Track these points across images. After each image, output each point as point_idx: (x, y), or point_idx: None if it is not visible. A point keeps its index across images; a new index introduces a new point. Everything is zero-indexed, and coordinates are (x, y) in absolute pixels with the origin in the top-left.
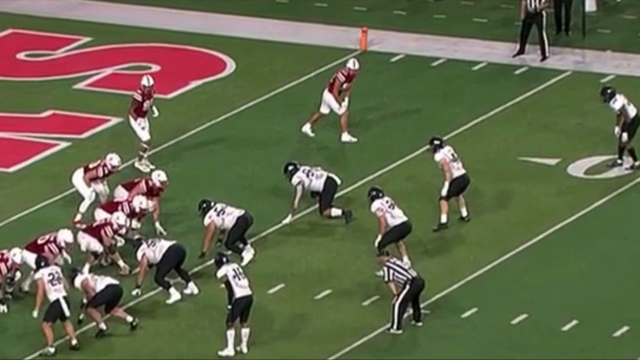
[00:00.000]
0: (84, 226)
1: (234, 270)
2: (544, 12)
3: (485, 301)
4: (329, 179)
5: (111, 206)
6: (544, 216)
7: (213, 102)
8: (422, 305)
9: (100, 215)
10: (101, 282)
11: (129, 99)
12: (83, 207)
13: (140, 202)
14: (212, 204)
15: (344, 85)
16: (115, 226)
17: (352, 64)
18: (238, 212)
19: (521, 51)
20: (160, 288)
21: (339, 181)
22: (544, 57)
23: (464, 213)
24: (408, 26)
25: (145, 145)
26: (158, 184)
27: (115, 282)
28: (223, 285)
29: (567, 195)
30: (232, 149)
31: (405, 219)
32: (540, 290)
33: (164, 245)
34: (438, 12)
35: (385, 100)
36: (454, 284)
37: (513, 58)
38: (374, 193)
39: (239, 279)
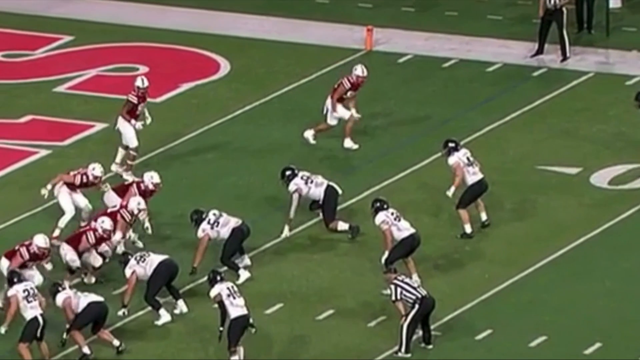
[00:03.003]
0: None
1: (228, 289)
2: (564, 9)
3: (500, 322)
4: (329, 187)
5: (105, 213)
6: (564, 230)
7: (205, 107)
8: (432, 327)
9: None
10: (84, 300)
11: (114, 103)
12: (62, 222)
13: (138, 202)
14: (205, 214)
15: (348, 93)
16: (99, 231)
17: (361, 71)
18: (234, 223)
19: (540, 51)
20: (149, 308)
21: (339, 191)
22: (564, 58)
23: (484, 217)
24: (417, 24)
25: (133, 153)
26: (151, 187)
27: (99, 299)
28: (216, 305)
29: (590, 207)
30: (227, 158)
31: (413, 230)
32: (561, 310)
33: (154, 260)
34: (449, 9)
35: (392, 105)
36: (467, 304)
37: (531, 58)
38: (378, 204)
39: (234, 297)
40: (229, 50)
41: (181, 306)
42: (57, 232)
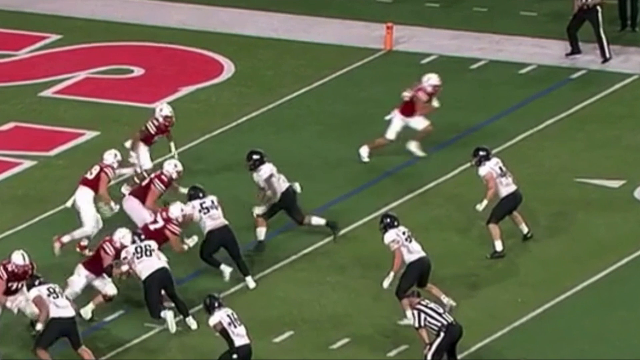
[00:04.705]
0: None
1: (228, 316)
2: (598, 7)
3: (535, 351)
4: (290, 188)
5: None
6: (606, 249)
7: (207, 113)
8: (459, 356)
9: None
10: (55, 310)
11: (106, 108)
12: (78, 234)
13: (181, 209)
14: (202, 195)
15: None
16: (117, 245)
17: (437, 80)
18: (220, 223)
19: (575, 50)
20: (147, 331)
21: (299, 190)
22: (605, 59)
23: (525, 230)
24: (442, 21)
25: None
26: (175, 175)
27: (68, 314)
28: (218, 334)
29: (634, 224)
30: (230, 169)
31: (423, 254)
32: (602, 338)
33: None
34: (478, 5)
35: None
36: (498, 331)
37: (566, 58)
38: (388, 220)
39: (235, 326)
40: (233, 51)
41: (190, 323)
42: (66, 238)
